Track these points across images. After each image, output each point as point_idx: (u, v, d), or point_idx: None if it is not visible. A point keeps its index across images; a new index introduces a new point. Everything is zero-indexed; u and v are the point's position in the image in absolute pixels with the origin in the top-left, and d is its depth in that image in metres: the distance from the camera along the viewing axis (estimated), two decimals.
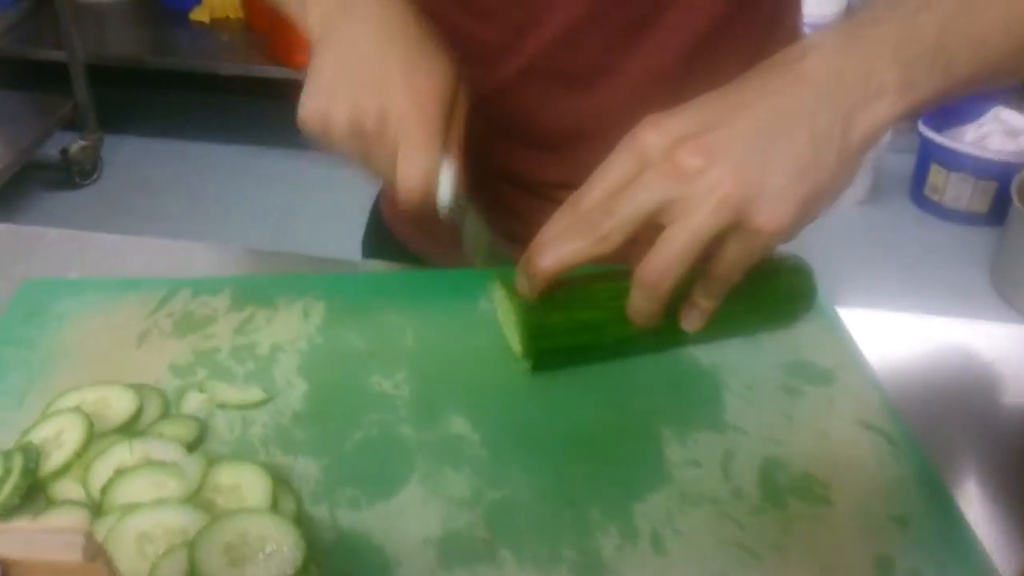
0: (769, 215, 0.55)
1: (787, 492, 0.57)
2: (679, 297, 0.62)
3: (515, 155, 0.83)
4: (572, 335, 0.64)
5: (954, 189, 2.68)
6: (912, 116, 0.57)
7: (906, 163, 2.77)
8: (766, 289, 0.66)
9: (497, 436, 0.60)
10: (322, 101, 0.64)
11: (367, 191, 1.02)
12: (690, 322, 0.64)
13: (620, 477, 0.58)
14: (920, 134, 2.67)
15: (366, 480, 0.57)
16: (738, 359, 0.67)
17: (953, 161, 2.64)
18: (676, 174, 0.56)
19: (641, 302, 0.60)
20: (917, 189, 2.76)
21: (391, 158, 0.63)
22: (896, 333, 0.74)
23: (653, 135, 0.57)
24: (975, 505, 0.61)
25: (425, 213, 0.65)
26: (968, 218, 2.69)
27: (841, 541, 0.55)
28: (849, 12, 2.48)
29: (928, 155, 2.69)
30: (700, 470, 0.59)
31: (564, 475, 0.58)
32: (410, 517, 0.55)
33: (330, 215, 2.56)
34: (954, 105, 2.61)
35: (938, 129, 2.64)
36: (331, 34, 0.66)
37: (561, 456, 0.59)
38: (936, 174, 2.69)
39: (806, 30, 0.87)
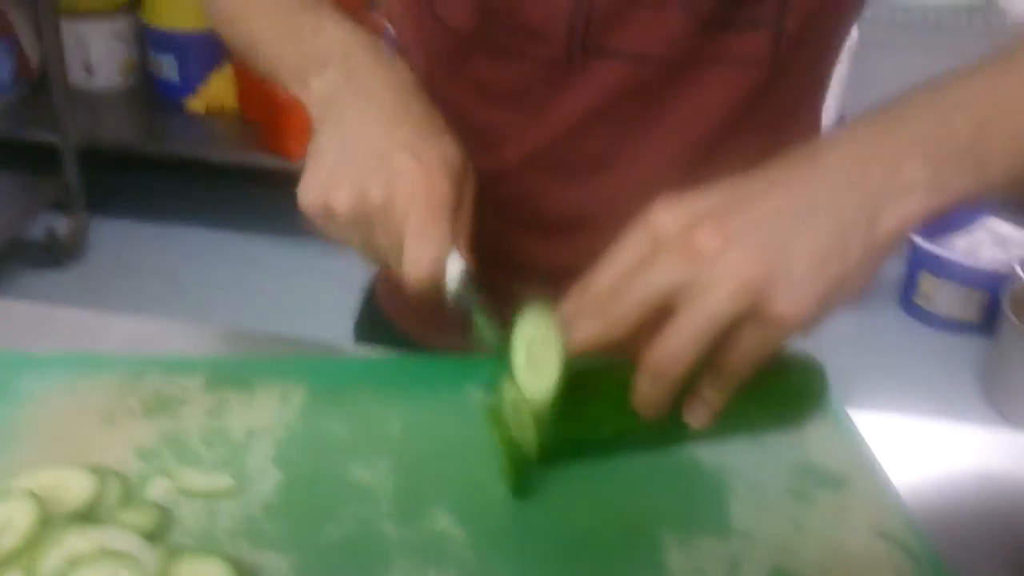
0: (789, 303, 0.52)
1: None
2: (683, 390, 0.58)
3: (518, 240, 0.80)
4: (572, 427, 0.60)
5: (944, 297, 2.67)
6: (943, 214, 0.55)
7: (896, 269, 2.76)
8: (775, 386, 0.63)
9: (486, 537, 0.56)
10: (323, 185, 0.61)
11: (359, 280, 0.99)
12: (696, 418, 0.60)
13: None
14: (910, 241, 2.67)
15: None
16: (743, 460, 0.63)
17: (943, 269, 2.63)
18: (692, 255, 0.53)
19: (648, 390, 0.56)
20: (907, 296, 2.75)
21: (397, 245, 0.60)
22: (906, 438, 0.71)
23: (668, 215, 0.55)
24: None
25: (431, 299, 0.61)
26: (959, 327, 2.67)
27: None
28: (840, 123, 2.51)
29: (918, 263, 2.69)
30: None
31: None
32: None
33: (321, 304, 2.52)
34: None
35: (929, 236, 2.64)
36: (334, 112, 0.64)
37: (554, 560, 0.55)
38: (926, 282, 2.68)
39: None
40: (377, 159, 0.61)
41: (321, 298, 2.59)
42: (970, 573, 0.58)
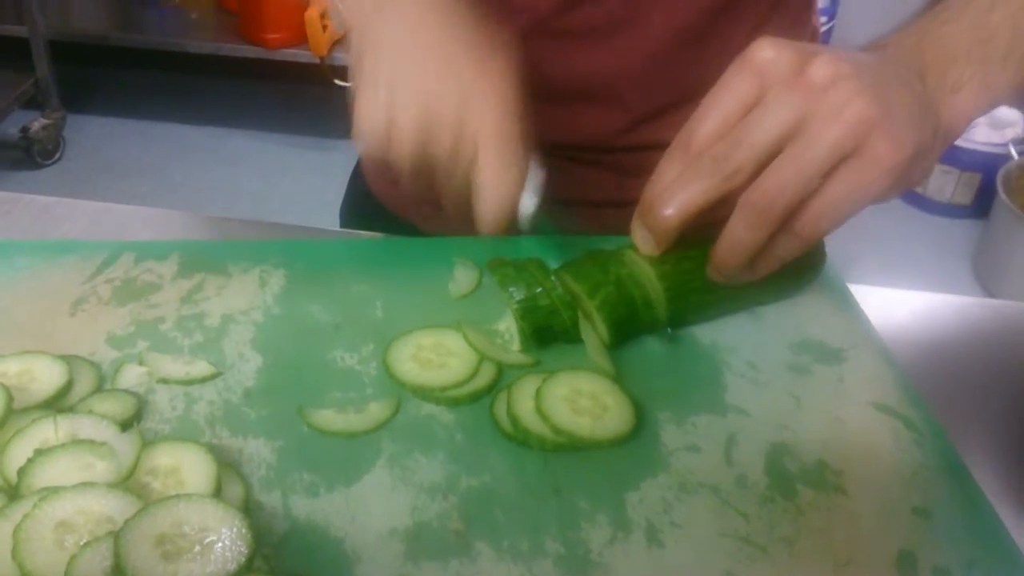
0: (892, 144, 0.50)
1: (796, 480, 0.51)
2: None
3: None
4: (708, 292, 0.59)
5: (938, 181, 2.64)
6: (995, 108, 0.57)
7: None
8: None
9: (474, 417, 0.54)
10: (384, 107, 0.55)
11: (341, 174, 0.97)
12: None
13: (611, 463, 0.52)
14: None
15: (325, 464, 0.50)
16: (740, 337, 0.61)
17: None
18: (808, 88, 0.51)
19: (743, 231, 0.52)
20: None
21: (466, 174, 0.55)
22: (907, 311, 0.69)
23: (775, 52, 0.52)
24: (1004, 496, 0.55)
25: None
26: (951, 210, 2.65)
27: (857, 534, 0.49)
28: None
29: None
30: (700, 456, 0.53)
31: (548, 461, 0.52)
32: (374, 506, 0.48)
33: (302, 198, 2.49)
34: None
35: None
36: (381, 21, 0.58)
37: (546, 442, 0.53)
38: None
39: None
40: (440, 74, 0.56)
41: (303, 192, 2.55)
42: (969, 440, 0.57)
